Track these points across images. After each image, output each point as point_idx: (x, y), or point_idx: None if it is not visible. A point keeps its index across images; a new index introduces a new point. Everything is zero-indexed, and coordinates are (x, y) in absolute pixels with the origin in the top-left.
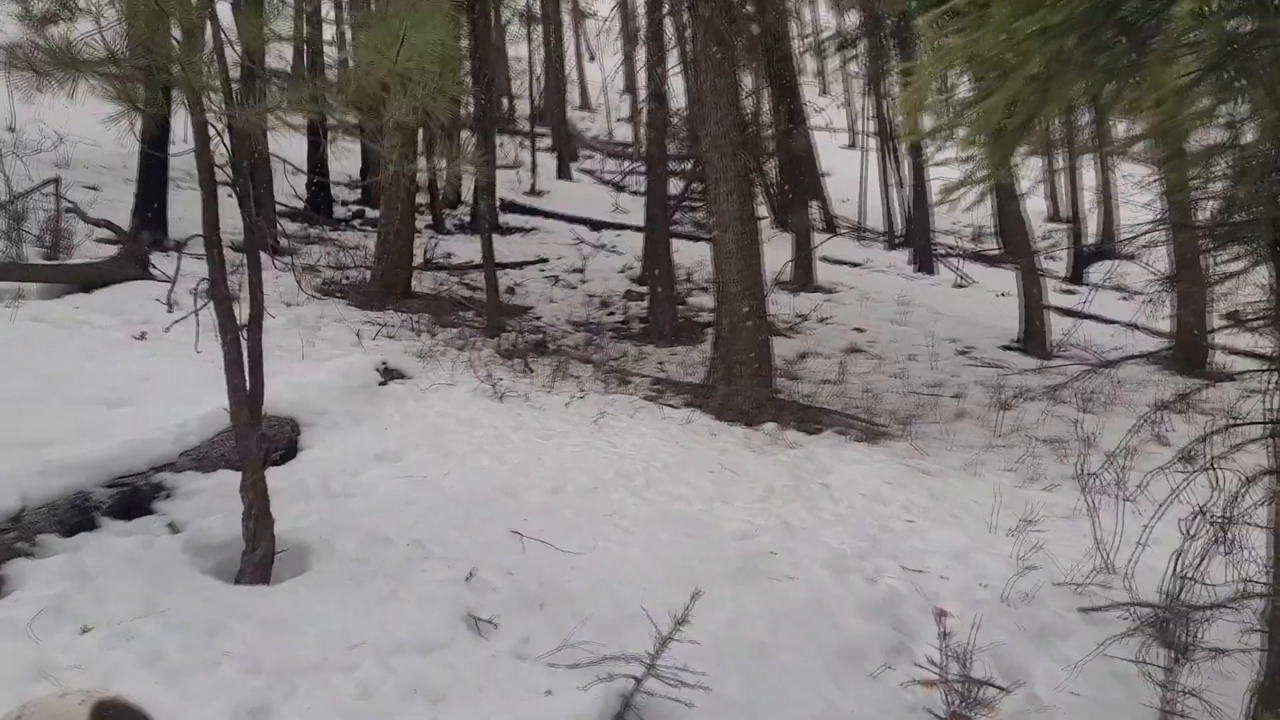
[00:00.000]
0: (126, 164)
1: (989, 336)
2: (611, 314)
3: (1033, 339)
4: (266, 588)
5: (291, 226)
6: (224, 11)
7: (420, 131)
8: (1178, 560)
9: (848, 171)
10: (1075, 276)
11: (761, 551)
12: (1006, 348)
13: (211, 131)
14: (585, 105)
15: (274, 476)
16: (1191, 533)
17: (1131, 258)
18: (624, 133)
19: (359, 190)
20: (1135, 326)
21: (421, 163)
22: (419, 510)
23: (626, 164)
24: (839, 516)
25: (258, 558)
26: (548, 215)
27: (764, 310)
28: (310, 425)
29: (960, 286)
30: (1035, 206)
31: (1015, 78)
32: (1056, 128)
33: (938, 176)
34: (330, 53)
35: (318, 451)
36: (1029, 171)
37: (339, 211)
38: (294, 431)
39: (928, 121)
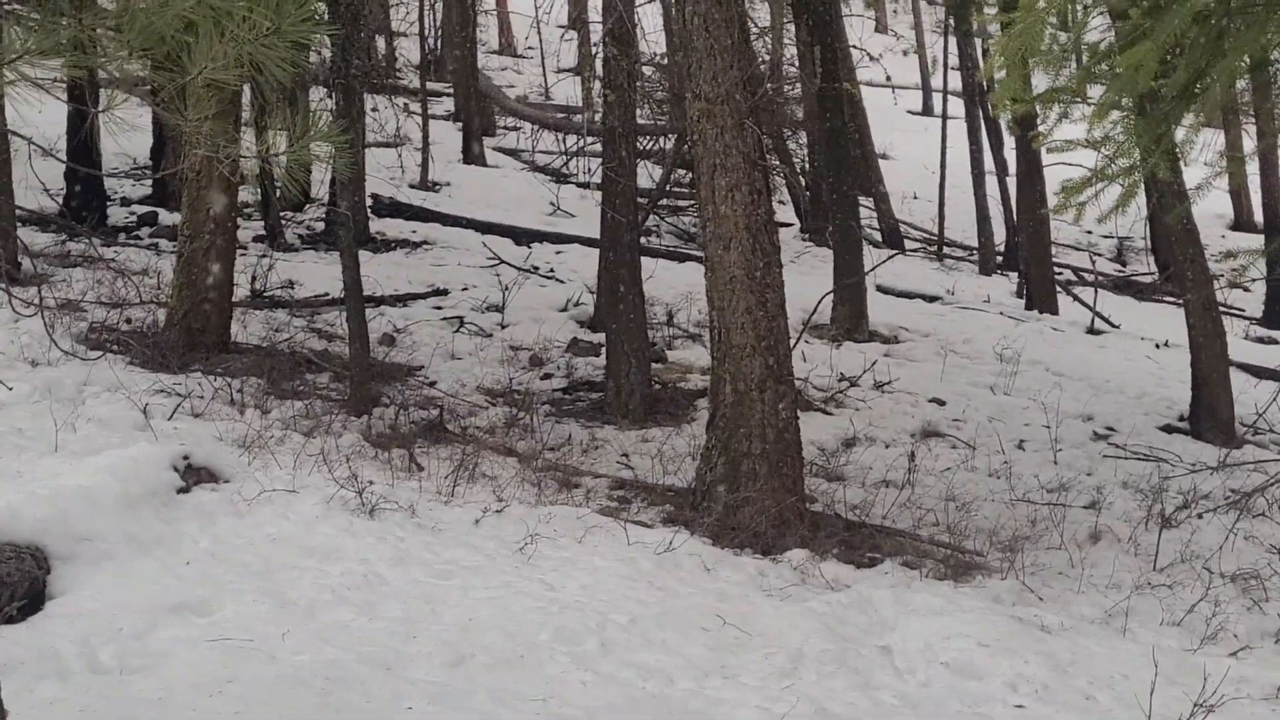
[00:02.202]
0: None
1: (1140, 411)
2: (548, 377)
3: (1209, 415)
4: None
5: (40, 240)
6: None
7: (246, 93)
8: None
9: (918, 152)
10: (1276, 317)
11: None
12: (1169, 429)
13: None
14: (508, 48)
15: (8, 641)
16: None
17: None
18: (567, 92)
19: (149, 184)
20: None
21: (248, 141)
22: (240, 695)
23: (572, 141)
24: (907, 699)
25: None
26: (448, 221)
27: (788, 371)
28: (68, 558)
29: (1096, 333)
30: (1212, 208)
31: (1175, 13)
32: (1241, 88)
33: (1058, 162)
34: None
35: (80, 599)
36: (1200, 154)
37: (116, 216)
38: (42, 568)
39: (1042, 80)
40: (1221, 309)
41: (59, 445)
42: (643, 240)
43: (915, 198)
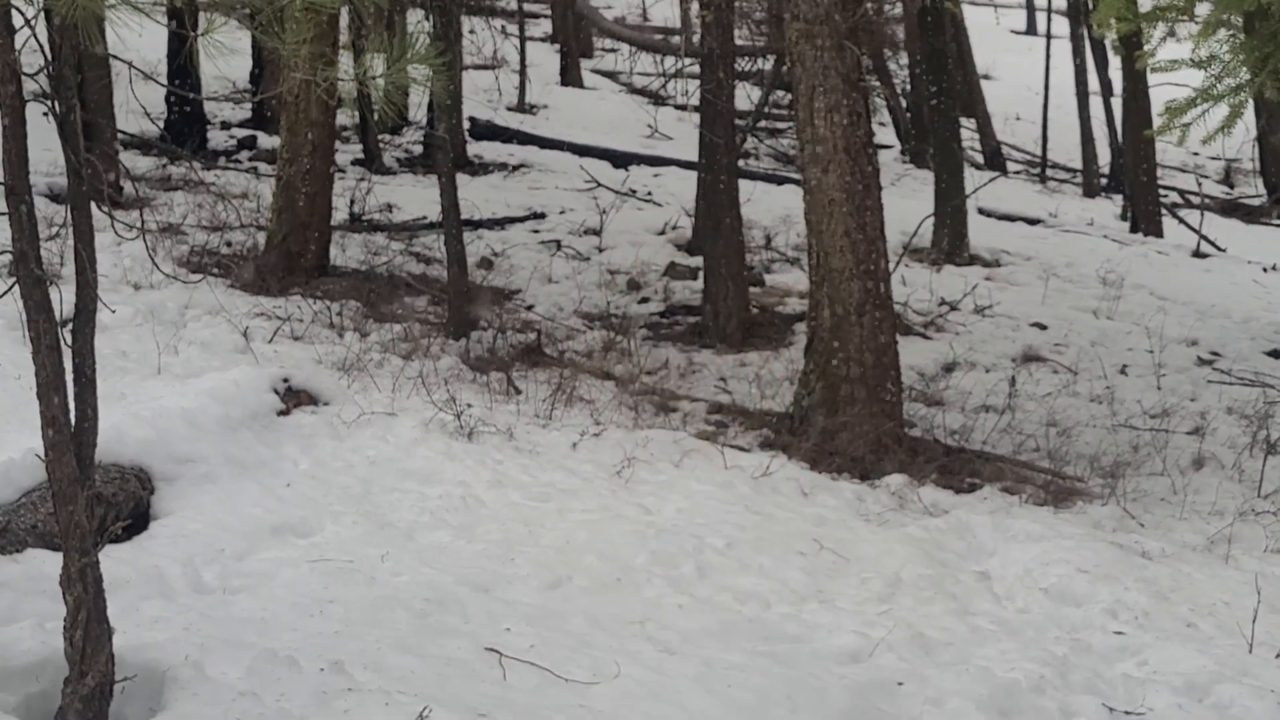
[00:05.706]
0: None
1: (1246, 336)
2: (645, 301)
3: None
4: None
5: (142, 164)
6: None
7: (344, 15)
8: None
9: (1022, 74)
10: None
11: (882, 682)
12: (1276, 354)
13: (16, 19)
14: None
15: (114, 561)
16: None
17: None
18: (665, 12)
19: (248, 107)
20: None
21: (346, 64)
22: (340, 615)
23: (670, 62)
24: (1005, 625)
25: (88, 689)
26: (545, 144)
27: (887, 296)
28: (171, 479)
29: (1202, 256)
30: None
31: None
32: None
33: (1165, 83)
34: None
35: (183, 520)
36: None
37: (216, 139)
38: (146, 489)
39: None
40: None
41: (161, 368)
42: (741, 163)
43: (1018, 119)
